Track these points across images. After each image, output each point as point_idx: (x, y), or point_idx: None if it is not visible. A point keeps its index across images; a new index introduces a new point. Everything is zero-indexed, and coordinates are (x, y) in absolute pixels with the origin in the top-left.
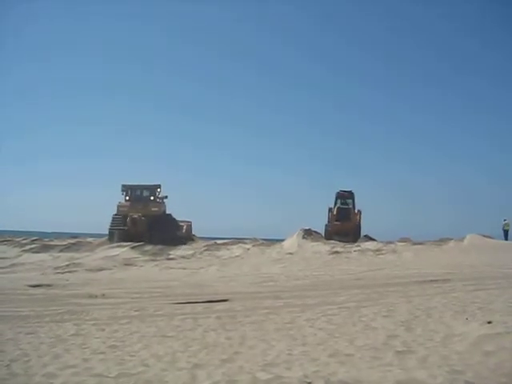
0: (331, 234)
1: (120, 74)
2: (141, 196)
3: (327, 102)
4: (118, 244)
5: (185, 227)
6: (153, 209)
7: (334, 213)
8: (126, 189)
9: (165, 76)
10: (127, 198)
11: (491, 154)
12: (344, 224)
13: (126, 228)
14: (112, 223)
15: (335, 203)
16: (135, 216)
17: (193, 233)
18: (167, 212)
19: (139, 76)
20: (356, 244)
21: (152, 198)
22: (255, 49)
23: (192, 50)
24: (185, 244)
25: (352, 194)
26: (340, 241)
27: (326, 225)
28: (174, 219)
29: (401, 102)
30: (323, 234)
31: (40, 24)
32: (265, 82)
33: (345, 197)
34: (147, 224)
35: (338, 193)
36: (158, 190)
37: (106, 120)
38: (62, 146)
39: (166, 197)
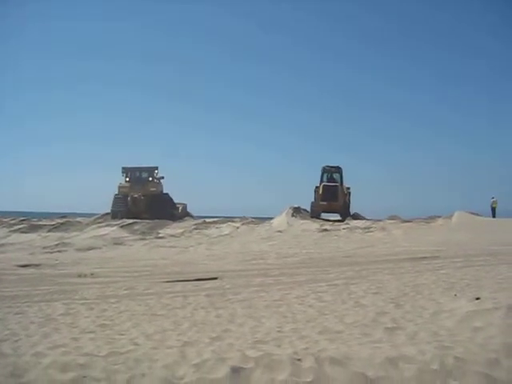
0: (317, 213)
1: (118, 66)
2: (140, 177)
3: (318, 83)
4: (107, 223)
5: (180, 208)
6: (151, 189)
7: (320, 191)
8: (126, 171)
9: (158, 65)
10: (127, 179)
11: (482, 131)
12: (331, 204)
13: (127, 207)
14: (114, 203)
15: (321, 179)
16: (135, 196)
17: (189, 212)
18: (164, 191)
19: (134, 67)
20: (345, 222)
21: (150, 178)
22: (235, 32)
23: (184, 41)
24: (181, 221)
25: (339, 168)
26: (328, 219)
27: (312, 203)
28: (171, 198)
29: (391, 81)
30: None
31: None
32: (254, 66)
33: (331, 171)
34: (146, 203)
35: (324, 168)
36: (156, 171)
37: (98, 107)
38: (55, 131)
39: (163, 177)
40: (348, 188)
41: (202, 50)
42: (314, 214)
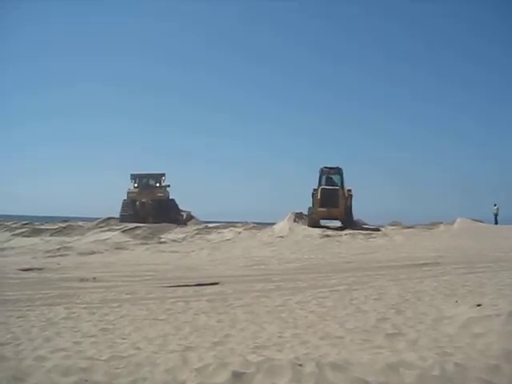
0: (315, 221)
1: (119, 67)
2: (147, 183)
3: (320, 87)
4: (109, 228)
5: (185, 215)
6: (158, 194)
7: (318, 196)
8: (135, 177)
9: (159, 66)
10: (135, 185)
11: (485, 137)
12: (330, 210)
13: (135, 211)
14: (123, 207)
15: (319, 182)
16: (144, 200)
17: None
18: (170, 197)
19: (134, 68)
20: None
21: (157, 184)
22: (235, 32)
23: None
24: (183, 226)
25: (339, 169)
26: (328, 226)
27: (310, 208)
28: (176, 204)
29: (392, 84)
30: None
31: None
32: (254, 68)
33: (330, 173)
34: (154, 208)
35: (322, 169)
36: (163, 178)
37: (99, 108)
38: (57, 134)
39: (169, 185)
40: (349, 190)
41: (202, 51)
42: (313, 222)
